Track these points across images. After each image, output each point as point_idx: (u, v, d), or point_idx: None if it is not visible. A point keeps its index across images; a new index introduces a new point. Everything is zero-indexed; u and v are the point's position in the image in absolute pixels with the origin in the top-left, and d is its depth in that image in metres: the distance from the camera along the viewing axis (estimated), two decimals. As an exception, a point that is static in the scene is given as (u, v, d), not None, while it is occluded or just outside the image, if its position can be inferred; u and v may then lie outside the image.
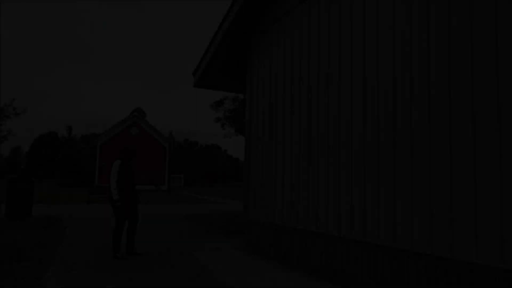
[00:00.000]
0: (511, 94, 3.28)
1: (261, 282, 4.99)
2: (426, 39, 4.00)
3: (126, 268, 5.52)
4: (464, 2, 3.68)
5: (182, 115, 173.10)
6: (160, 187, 35.81)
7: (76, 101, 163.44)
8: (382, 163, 4.42)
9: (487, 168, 3.40)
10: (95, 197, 19.04)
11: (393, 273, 4.17)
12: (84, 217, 11.92)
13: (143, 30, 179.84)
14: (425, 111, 3.96)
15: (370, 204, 4.52)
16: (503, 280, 3.21)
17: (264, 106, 6.94)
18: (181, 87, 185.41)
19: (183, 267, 5.65)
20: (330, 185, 5.18)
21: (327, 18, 5.44)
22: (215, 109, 22.77)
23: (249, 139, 7.38)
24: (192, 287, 4.72)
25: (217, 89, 9.80)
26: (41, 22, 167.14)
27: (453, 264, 3.58)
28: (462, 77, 3.66)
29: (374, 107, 4.58)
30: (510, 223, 3.19)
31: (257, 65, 7.26)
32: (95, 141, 40.70)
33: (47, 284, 4.67)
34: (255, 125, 7.22)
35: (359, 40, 4.85)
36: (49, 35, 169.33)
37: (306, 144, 5.70)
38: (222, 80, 8.68)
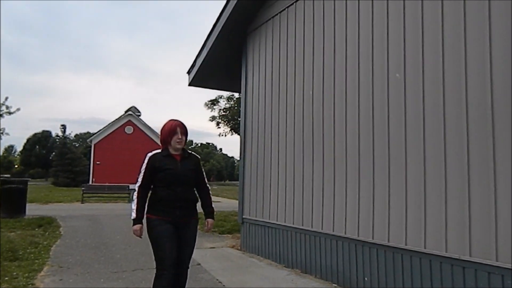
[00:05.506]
0: None
1: (254, 280, 5.01)
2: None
3: (122, 266, 5.51)
4: None
5: (177, 113, 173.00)
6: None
7: (69, 100, 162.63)
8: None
9: None
10: (89, 196, 19.00)
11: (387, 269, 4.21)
12: (78, 217, 11.87)
13: (138, 29, 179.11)
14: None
15: (364, 204, 4.55)
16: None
17: (259, 104, 6.94)
18: (176, 85, 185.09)
19: (178, 266, 5.64)
20: (324, 186, 5.20)
21: (322, 14, 5.45)
22: (210, 108, 22.71)
23: (244, 138, 7.38)
24: (187, 286, 4.71)
25: (212, 87, 9.79)
26: (36, 19, 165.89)
27: None
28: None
29: (365, 106, 4.60)
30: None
31: (252, 63, 7.25)
32: (89, 140, 40.47)
33: (41, 284, 4.65)
34: (250, 124, 7.22)
35: (354, 35, 4.86)
36: (44, 33, 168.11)
37: (301, 144, 5.71)
38: (217, 79, 8.66)
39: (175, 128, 3.43)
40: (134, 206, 3.39)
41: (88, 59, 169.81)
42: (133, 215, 3.37)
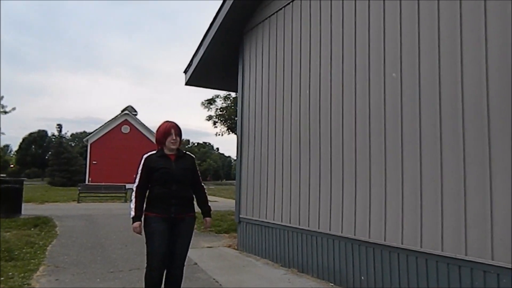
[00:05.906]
0: None
1: (251, 280, 5.01)
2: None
3: (119, 266, 5.50)
4: None
5: (175, 113, 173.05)
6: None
7: (66, 99, 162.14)
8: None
9: None
10: (85, 196, 18.95)
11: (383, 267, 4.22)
12: (74, 216, 11.84)
13: (138, 29, 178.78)
14: (415, 109, 4.00)
15: (360, 204, 4.56)
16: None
17: (256, 103, 6.94)
18: (175, 85, 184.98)
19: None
20: (321, 186, 5.20)
21: (318, 14, 5.45)
22: (206, 107, 22.61)
23: (241, 138, 7.38)
24: (184, 286, 4.71)
25: (208, 87, 9.77)
26: (34, 19, 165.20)
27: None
28: (450, 76, 3.70)
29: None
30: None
31: (249, 62, 7.25)
32: (85, 140, 40.34)
33: (37, 284, 4.63)
34: (246, 123, 7.22)
35: (350, 34, 4.87)
36: (43, 33, 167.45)
37: (298, 143, 5.71)
38: (214, 78, 8.65)
39: (169, 130, 3.59)
40: (132, 205, 3.55)
41: (87, 58, 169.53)
42: (132, 213, 3.52)
